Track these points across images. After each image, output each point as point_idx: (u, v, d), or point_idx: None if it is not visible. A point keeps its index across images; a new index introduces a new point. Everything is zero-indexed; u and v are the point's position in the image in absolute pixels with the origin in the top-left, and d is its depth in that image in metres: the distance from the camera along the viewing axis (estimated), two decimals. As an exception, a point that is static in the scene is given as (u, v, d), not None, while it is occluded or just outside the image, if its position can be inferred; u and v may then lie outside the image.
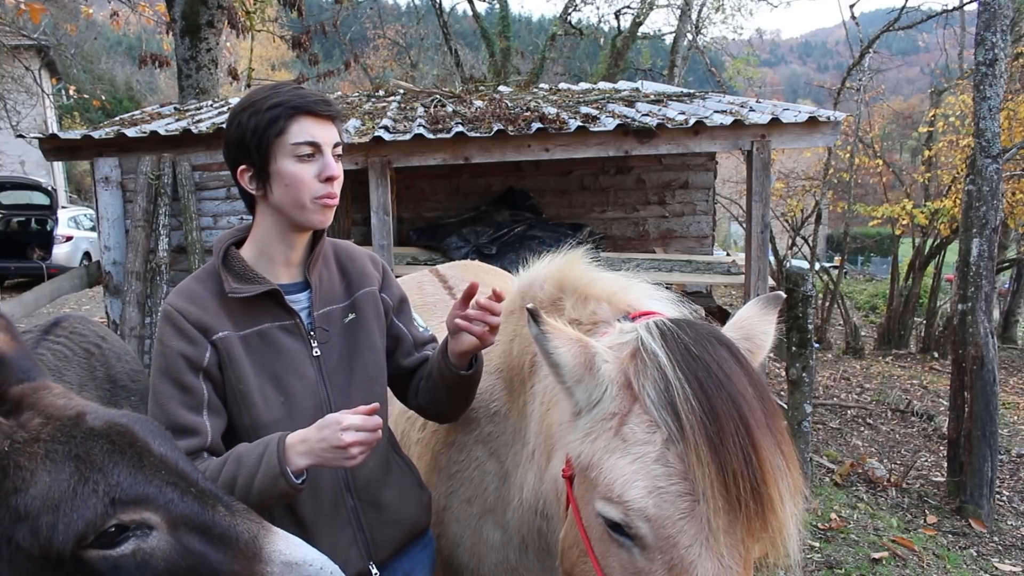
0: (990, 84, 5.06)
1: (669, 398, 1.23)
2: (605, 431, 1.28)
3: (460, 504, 1.88)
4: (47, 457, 1.07)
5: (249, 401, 1.58)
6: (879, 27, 12.28)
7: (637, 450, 1.23)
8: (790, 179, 15.63)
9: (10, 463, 1.06)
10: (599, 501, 1.25)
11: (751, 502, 1.18)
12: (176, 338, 1.56)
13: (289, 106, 1.55)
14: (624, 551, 1.24)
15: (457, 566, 1.91)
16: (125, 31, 24.64)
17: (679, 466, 1.20)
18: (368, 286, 1.78)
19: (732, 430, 1.19)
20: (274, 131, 1.55)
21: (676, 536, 1.18)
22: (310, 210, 1.59)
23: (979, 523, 5.01)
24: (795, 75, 70.41)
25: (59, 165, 18.52)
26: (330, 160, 1.59)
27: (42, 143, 6.17)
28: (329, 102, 1.62)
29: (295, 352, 1.64)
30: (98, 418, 1.15)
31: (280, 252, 1.66)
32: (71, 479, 1.06)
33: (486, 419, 1.86)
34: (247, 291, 1.59)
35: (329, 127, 1.61)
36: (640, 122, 5.51)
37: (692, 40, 17.61)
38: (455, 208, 7.82)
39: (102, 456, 1.09)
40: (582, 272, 1.74)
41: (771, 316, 1.51)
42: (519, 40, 22.18)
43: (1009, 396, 9.10)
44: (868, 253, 27.24)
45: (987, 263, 5.13)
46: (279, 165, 1.57)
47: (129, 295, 5.98)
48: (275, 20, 16.57)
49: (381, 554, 1.73)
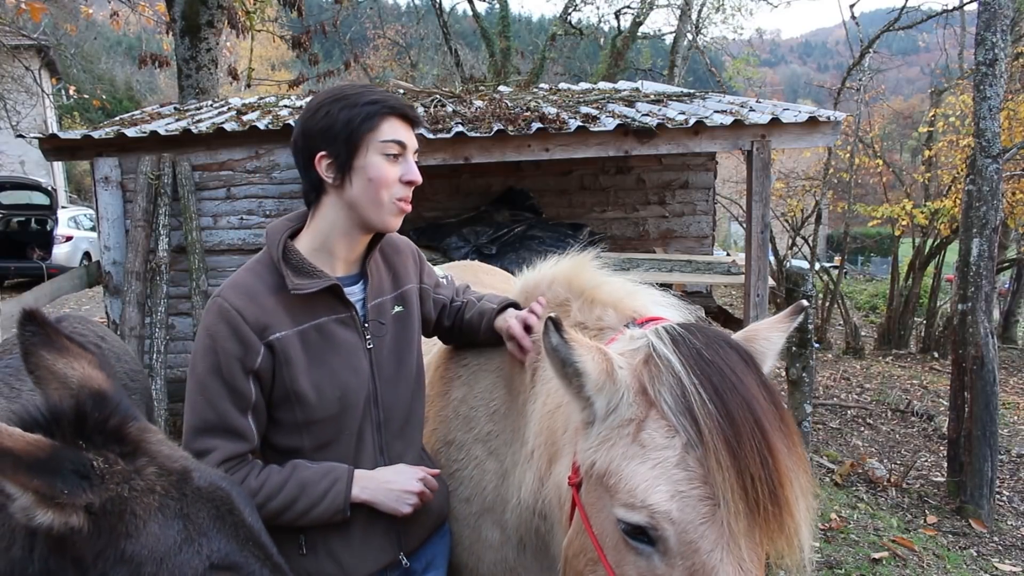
0: (990, 84, 5.05)
1: (686, 403, 1.23)
2: (623, 438, 1.28)
3: (459, 503, 1.89)
4: (160, 511, 1.14)
5: (304, 400, 1.58)
6: (879, 27, 12.28)
7: (657, 455, 1.23)
8: (790, 179, 15.63)
9: (127, 509, 1.11)
10: (620, 508, 1.24)
11: (769, 504, 1.19)
12: (230, 339, 1.53)
13: (387, 104, 1.59)
14: (643, 559, 1.23)
15: (457, 565, 1.92)
16: (125, 31, 24.63)
17: (699, 470, 1.20)
18: (411, 282, 1.85)
19: (749, 433, 1.20)
20: (368, 126, 1.57)
21: (698, 541, 1.18)
22: (387, 210, 1.61)
23: (979, 523, 5.01)
24: (795, 75, 70.43)
25: (59, 165, 18.52)
26: (413, 164, 1.62)
27: (42, 143, 6.17)
28: (415, 109, 1.66)
29: (351, 345, 1.65)
30: (203, 478, 1.23)
31: (343, 247, 1.66)
32: (178, 537, 1.13)
33: (486, 417, 1.87)
34: (309, 287, 1.57)
35: (413, 133, 1.64)
36: (640, 122, 5.51)
37: (692, 40, 17.61)
38: (455, 208, 7.82)
39: (208, 521, 1.17)
40: (591, 276, 1.74)
41: (784, 324, 1.50)
42: (519, 40, 22.18)
43: (1009, 396, 9.10)
44: (868, 253, 27.25)
45: (987, 263, 5.13)
46: (367, 159, 1.58)
47: (129, 295, 5.98)
48: (275, 20, 16.55)
49: (411, 544, 1.76)
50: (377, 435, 1.70)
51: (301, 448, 1.63)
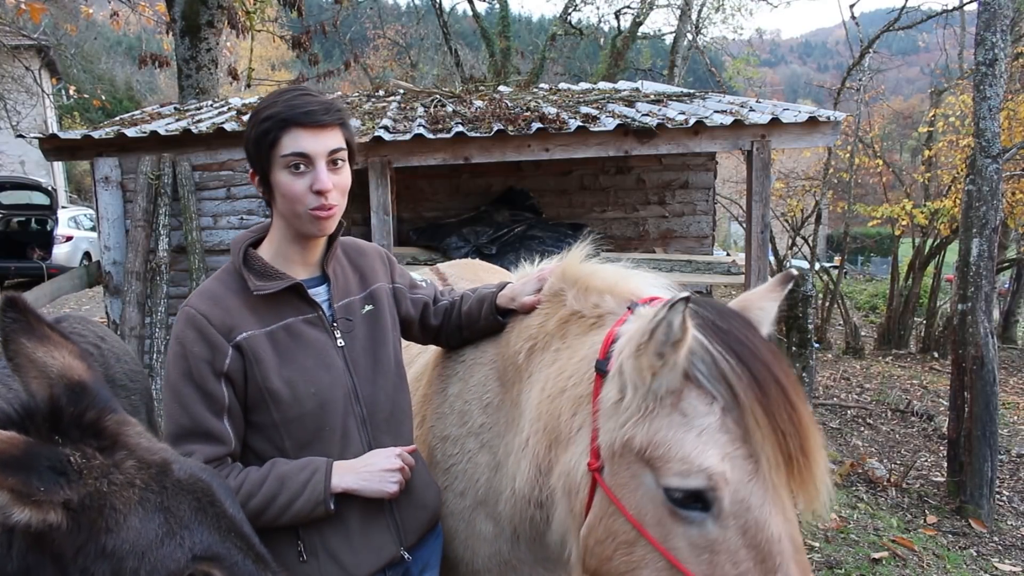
0: (990, 84, 5.05)
1: (719, 370, 1.30)
2: (663, 409, 1.32)
3: (454, 498, 1.90)
4: (140, 504, 1.13)
5: (278, 398, 1.59)
6: (879, 27, 12.28)
7: (700, 422, 1.29)
8: (790, 179, 15.63)
9: (106, 504, 1.10)
10: (674, 477, 1.27)
11: (800, 456, 1.28)
12: (198, 343, 1.56)
13: (279, 118, 1.56)
14: (694, 527, 1.27)
15: (453, 560, 1.92)
16: (125, 31, 24.65)
17: (738, 431, 1.28)
18: (380, 281, 1.85)
19: (775, 393, 1.29)
20: (267, 143, 1.57)
21: (749, 498, 1.25)
22: (306, 220, 1.61)
23: (979, 523, 5.01)
24: (795, 75, 70.42)
25: (59, 165, 18.52)
26: (321, 172, 1.57)
27: (42, 143, 6.17)
28: (328, 108, 1.60)
29: (321, 343, 1.67)
30: (183, 470, 1.22)
31: (296, 253, 1.70)
32: (159, 530, 1.12)
33: (479, 411, 1.88)
34: (270, 287, 1.61)
35: (325, 136, 1.58)
36: (640, 122, 5.51)
37: (692, 40, 17.60)
38: (455, 208, 7.82)
39: (189, 513, 1.17)
40: (584, 265, 1.78)
41: (775, 293, 1.57)
42: (519, 40, 22.17)
43: (1009, 396, 9.10)
44: (868, 253, 27.25)
45: (987, 263, 5.13)
46: (276, 176, 1.59)
47: (129, 295, 5.98)
48: (275, 20, 16.54)
49: (410, 539, 1.76)
50: (363, 431, 1.71)
51: (284, 450, 1.64)
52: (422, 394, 2.08)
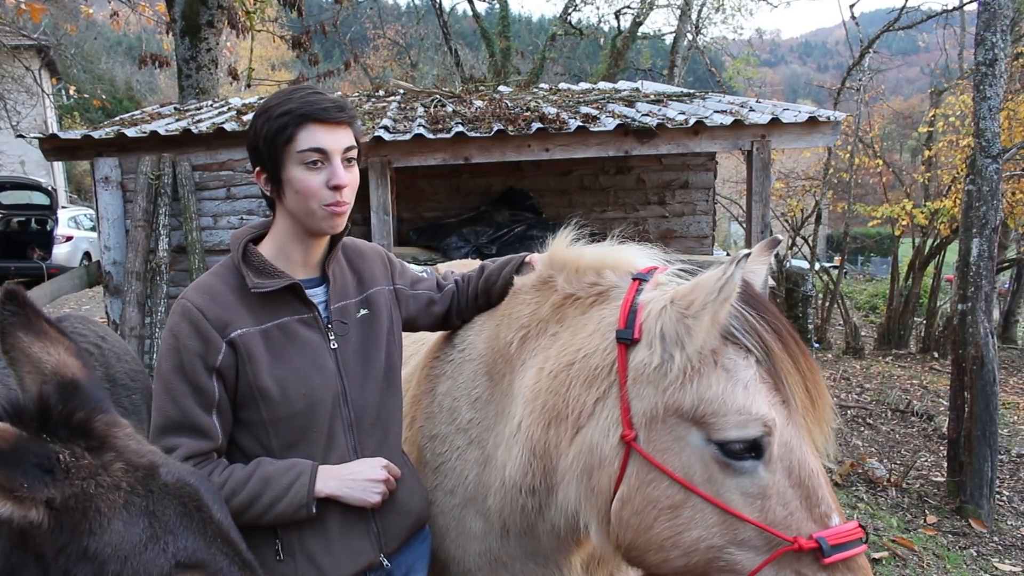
0: (990, 84, 5.05)
1: (750, 326, 1.40)
2: (707, 367, 1.38)
3: (444, 496, 1.89)
4: (125, 508, 1.12)
5: (268, 396, 1.59)
6: (879, 27, 12.29)
7: (742, 375, 1.37)
8: (790, 179, 15.64)
9: (91, 505, 1.09)
10: (732, 429, 1.33)
11: (819, 398, 1.41)
12: (192, 337, 1.56)
13: (297, 113, 1.56)
14: (746, 476, 1.34)
15: (444, 559, 1.92)
16: (125, 31, 24.65)
17: (771, 380, 1.38)
18: (379, 284, 1.84)
19: (792, 343, 1.41)
20: (283, 138, 1.56)
21: (790, 441, 1.36)
22: (320, 217, 1.61)
23: (979, 523, 5.01)
24: (795, 75, 70.44)
25: (59, 165, 18.53)
26: (337, 168, 1.59)
27: (42, 143, 6.17)
28: (342, 107, 1.61)
29: (314, 344, 1.66)
30: (171, 474, 1.21)
31: (298, 252, 1.69)
32: (143, 535, 1.11)
33: (467, 406, 1.87)
34: (268, 285, 1.61)
35: (340, 133, 1.60)
36: (640, 122, 5.51)
37: (692, 40, 17.62)
38: (455, 208, 7.82)
39: (174, 518, 1.15)
40: (569, 248, 1.79)
41: (764, 256, 1.68)
42: (519, 40, 22.19)
43: (1009, 396, 9.10)
44: (868, 253, 27.26)
45: (987, 263, 5.13)
46: (289, 172, 1.58)
47: (129, 295, 5.98)
48: (275, 20, 16.55)
49: (391, 546, 1.75)
50: (349, 434, 1.70)
51: (270, 449, 1.63)
52: (411, 395, 2.07)
